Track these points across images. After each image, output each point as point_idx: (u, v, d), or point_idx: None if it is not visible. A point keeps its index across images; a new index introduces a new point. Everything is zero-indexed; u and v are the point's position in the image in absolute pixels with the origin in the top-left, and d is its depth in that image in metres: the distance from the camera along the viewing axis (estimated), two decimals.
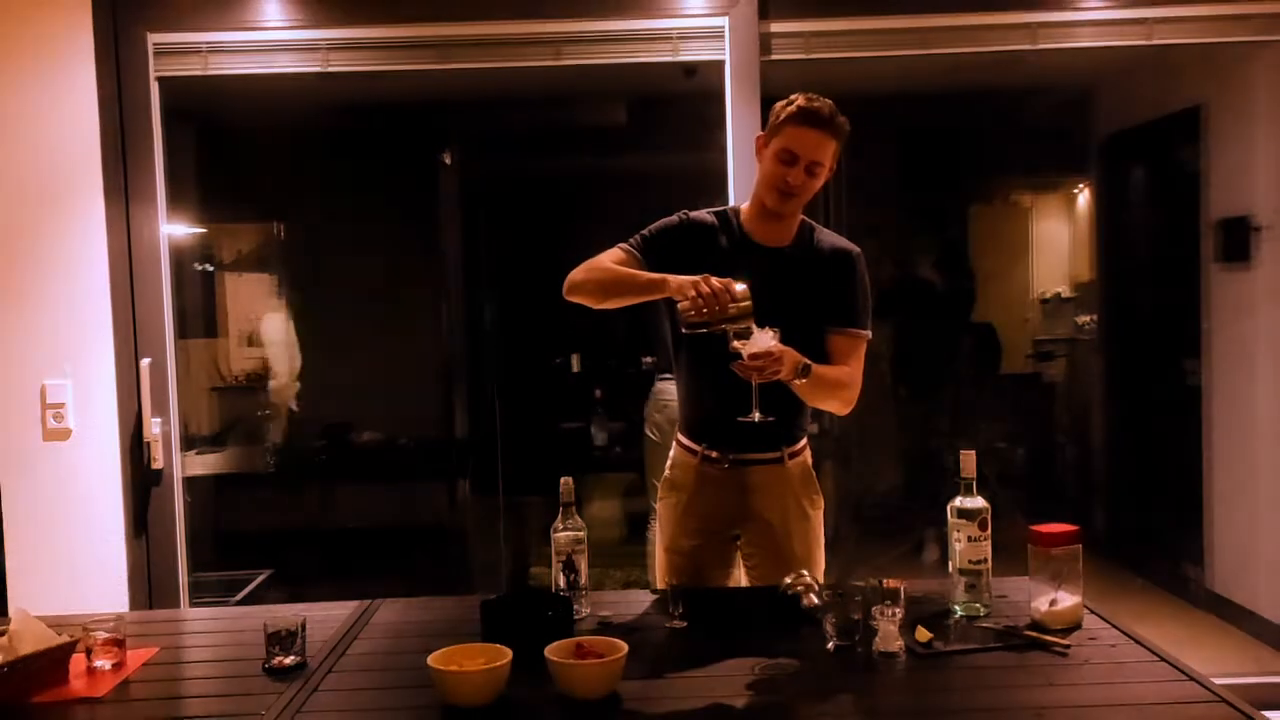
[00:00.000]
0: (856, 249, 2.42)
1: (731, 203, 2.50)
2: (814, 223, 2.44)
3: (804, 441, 2.46)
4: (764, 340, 2.12)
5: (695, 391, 2.44)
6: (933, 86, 5.01)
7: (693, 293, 2.09)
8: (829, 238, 2.42)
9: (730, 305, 2.09)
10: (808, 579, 2.10)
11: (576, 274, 2.31)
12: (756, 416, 2.20)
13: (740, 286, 2.11)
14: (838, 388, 2.32)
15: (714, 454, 2.39)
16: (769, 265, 2.32)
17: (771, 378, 2.15)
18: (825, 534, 2.51)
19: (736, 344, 2.13)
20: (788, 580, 2.10)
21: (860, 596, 1.97)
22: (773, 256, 2.36)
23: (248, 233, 5.39)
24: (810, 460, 2.47)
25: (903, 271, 5.44)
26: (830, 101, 2.30)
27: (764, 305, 2.17)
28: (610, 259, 2.32)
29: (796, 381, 2.19)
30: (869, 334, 2.41)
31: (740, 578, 2.50)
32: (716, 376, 2.22)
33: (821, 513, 2.48)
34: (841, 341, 2.37)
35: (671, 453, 2.51)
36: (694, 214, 2.42)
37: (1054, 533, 1.99)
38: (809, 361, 2.21)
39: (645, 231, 2.38)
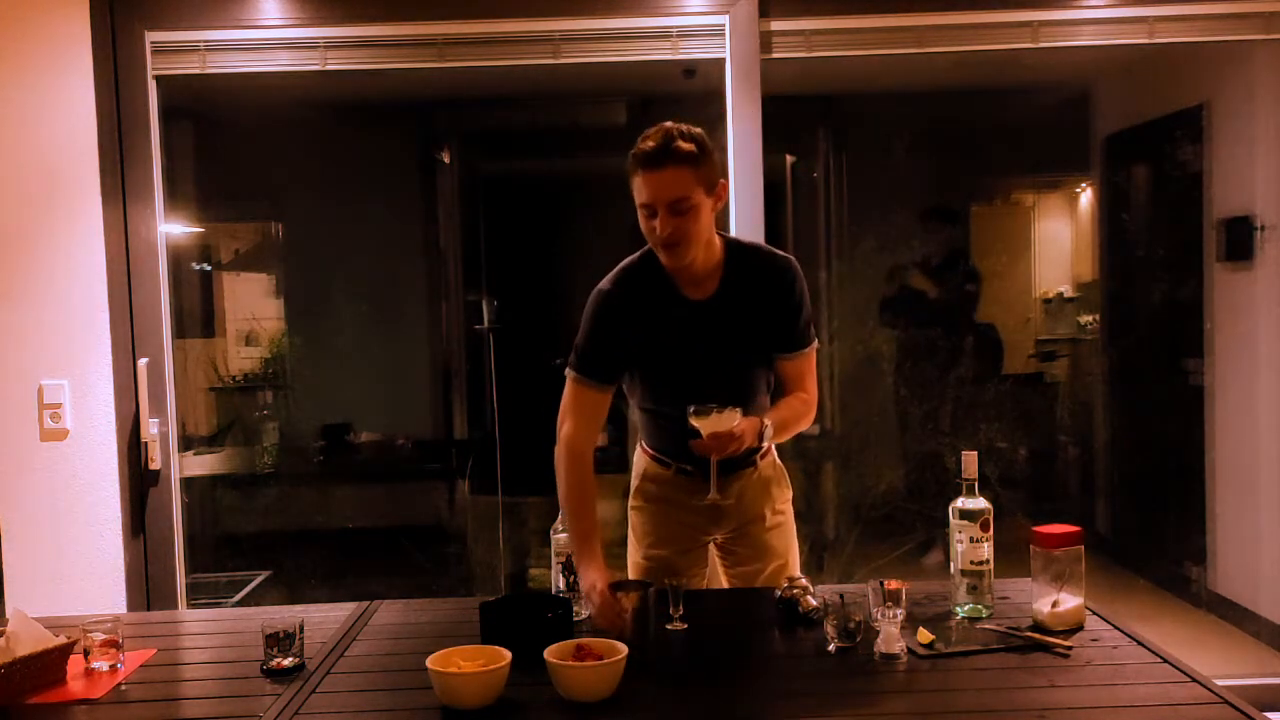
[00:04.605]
0: (789, 262, 2.30)
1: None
2: (739, 241, 2.33)
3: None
4: (725, 421, 2.09)
5: (658, 425, 2.38)
6: (933, 85, 5.01)
7: (588, 603, 2.08)
8: (756, 259, 2.29)
9: (618, 617, 1.99)
10: (803, 582, 2.10)
11: (558, 462, 2.27)
12: (716, 498, 2.18)
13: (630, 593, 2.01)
14: (798, 421, 2.33)
15: (689, 468, 2.33)
16: (700, 316, 2.25)
17: (732, 455, 2.15)
18: (826, 535, 2.51)
19: (695, 422, 2.10)
20: (784, 584, 2.11)
21: (862, 598, 1.96)
22: (702, 308, 2.25)
23: (246, 232, 5.38)
24: (776, 455, 2.46)
25: (903, 271, 5.42)
26: (670, 127, 2.12)
27: (703, 351, 2.21)
28: (576, 412, 2.27)
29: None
30: (816, 343, 2.36)
31: (719, 579, 2.49)
32: (676, 414, 2.18)
33: (791, 503, 2.47)
34: (792, 365, 2.33)
35: (641, 464, 2.46)
36: (612, 283, 2.28)
37: (1056, 534, 1.98)
38: (767, 422, 2.21)
39: (582, 347, 2.27)
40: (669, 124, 2.14)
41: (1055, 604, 1.98)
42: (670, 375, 2.29)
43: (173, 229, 3.49)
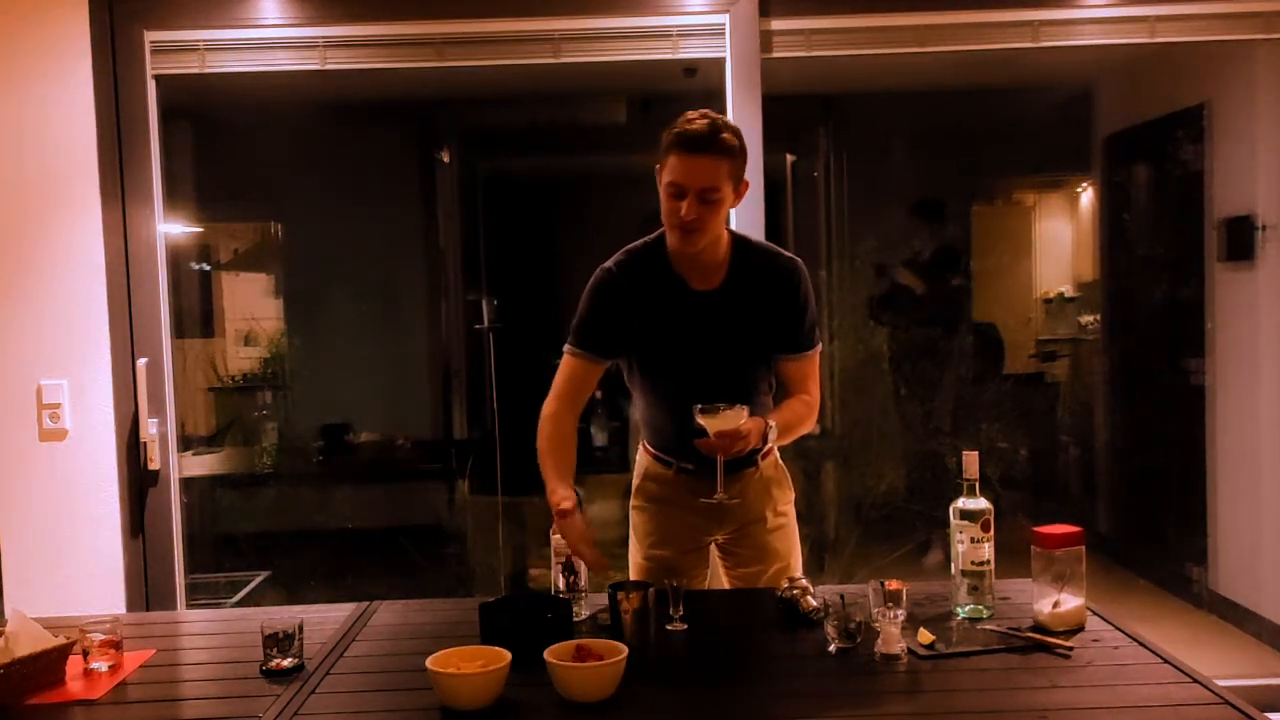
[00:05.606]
0: (795, 263, 2.30)
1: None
2: (746, 238, 2.33)
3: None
4: (731, 419, 2.09)
5: (658, 421, 2.38)
6: (934, 84, 5.00)
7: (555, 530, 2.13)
8: (763, 258, 2.29)
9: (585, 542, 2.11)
10: (803, 582, 2.10)
11: (539, 428, 2.28)
12: (722, 497, 2.18)
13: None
14: (801, 424, 2.32)
15: (690, 466, 2.32)
16: (704, 308, 2.25)
17: (737, 455, 2.15)
18: (827, 536, 2.51)
19: (702, 420, 2.10)
20: (784, 585, 2.10)
21: (862, 599, 1.96)
22: (706, 299, 2.25)
23: (245, 231, 5.38)
24: (779, 456, 2.45)
25: (903, 270, 5.42)
26: (714, 117, 2.13)
27: (706, 345, 2.20)
28: (560, 381, 2.30)
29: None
30: (820, 346, 2.36)
31: (720, 580, 2.49)
32: (677, 408, 2.19)
33: (793, 505, 2.46)
34: (795, 367, 2.33)
35: (642, 464, 2.46)
36: (616, 264, 2.29)
37: (1057, 534, 1.98)
38: (772, 423, 2.21)
39: (578, 320, 2.29)
40: (711, 112, 2.16)
41: (1056, 604, 1.98)
42: (671, 366, 2.28)
43: (172, 229, 3.49)
